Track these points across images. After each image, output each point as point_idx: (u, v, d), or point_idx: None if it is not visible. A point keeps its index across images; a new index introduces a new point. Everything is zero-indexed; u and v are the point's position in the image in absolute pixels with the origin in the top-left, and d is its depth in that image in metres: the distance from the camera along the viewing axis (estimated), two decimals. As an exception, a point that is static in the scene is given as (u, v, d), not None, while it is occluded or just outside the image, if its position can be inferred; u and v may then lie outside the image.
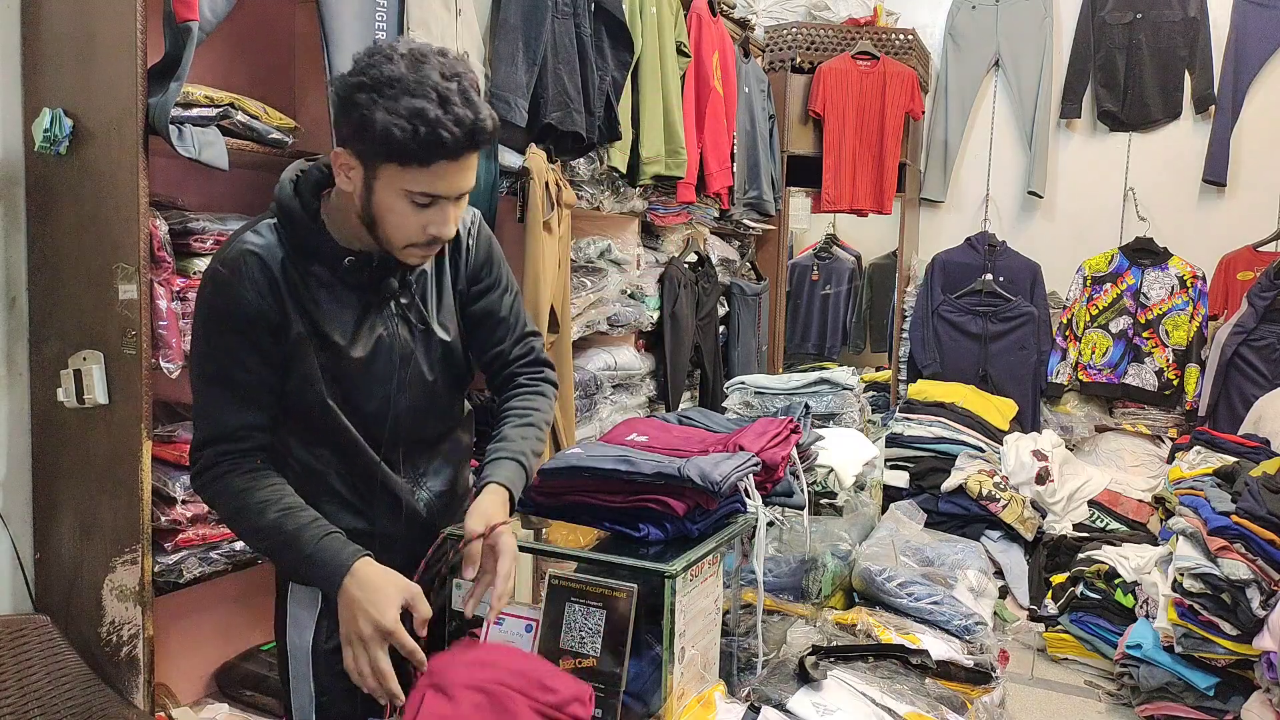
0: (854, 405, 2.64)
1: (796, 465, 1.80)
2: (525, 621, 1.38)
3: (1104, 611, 3.37)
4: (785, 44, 4.55)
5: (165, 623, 2.28)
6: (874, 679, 1.64)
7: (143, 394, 1.86)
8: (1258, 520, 2.82)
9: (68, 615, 1.97)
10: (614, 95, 2.97)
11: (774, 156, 4.37)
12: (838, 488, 2.10)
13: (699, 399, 3.96)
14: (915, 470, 4.02)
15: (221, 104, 1.96)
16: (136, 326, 1.85)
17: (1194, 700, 2.91)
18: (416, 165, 1.24)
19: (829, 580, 2.10)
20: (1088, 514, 4.13)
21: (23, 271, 2.03)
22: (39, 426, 2.04)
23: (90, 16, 1.88)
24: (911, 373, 4.76)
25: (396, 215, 1.29)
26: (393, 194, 1.28)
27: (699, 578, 1.40)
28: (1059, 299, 4.69)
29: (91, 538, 1.95)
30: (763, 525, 1.59)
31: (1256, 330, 4.08)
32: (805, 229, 5.52)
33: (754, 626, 1.66)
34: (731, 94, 3.85)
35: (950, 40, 4.93)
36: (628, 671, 1.30)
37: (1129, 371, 4.46)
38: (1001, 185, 4.93)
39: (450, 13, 2.39)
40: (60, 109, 1.89)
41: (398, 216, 1.30)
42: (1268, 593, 2.73)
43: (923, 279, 4.76)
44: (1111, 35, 4.64)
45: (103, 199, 1.88)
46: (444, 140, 1.22)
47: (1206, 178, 4.50)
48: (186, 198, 2.21)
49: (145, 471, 1.88)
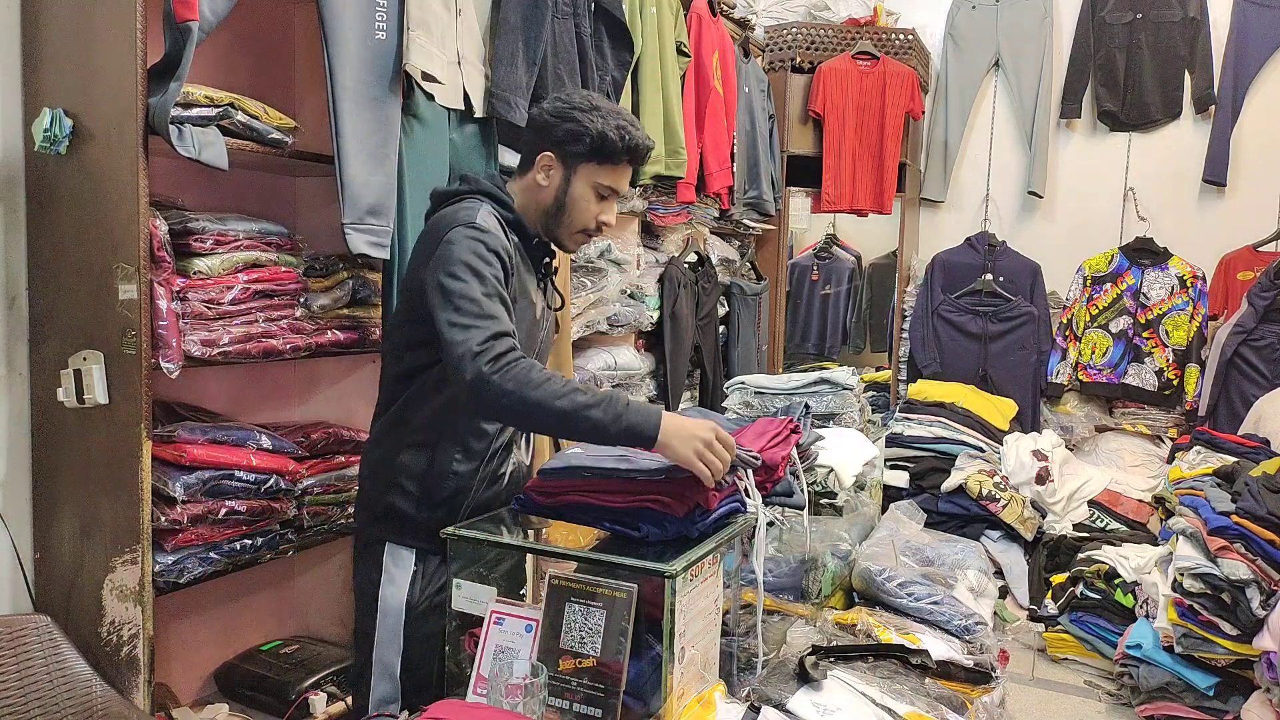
0: (854, 405, 2.64)
1: (796, 465, 1.80)
2: (525, 621, 1.38)
3: (1104, 611, 3.37)
4: (785, 44, 4.55)
5: (165, 623, 2.28)
6: (874, 679, 1.63)
7: (143, 394, 1.86)
8: (1258, 520, 2.82)
9: (68, 615, 1.97)
10: (614, 95, 2.97)
11: (774, 156, 4.37)
12: (838, 488, 2.10)
13: (699, 399, 3.96)
14: (915, 470, 4.02)
15: (221, 104, 1.96)
16: (136, 326, 1.86)
17: (1194, 700, 2.91)
18: (611, 164, 1.66)
19: (829, 580, 2.10)
20: (1088, 514, 4.13)
21: (23, 271, 2.03)
22: (39, 426, 2.04)
23: (90, 16, 1.88)
24: (911, 373, 4.76)
25: (583, 204, 1.68)
26: (586, 187, 1.67)
27: (699, 578, 1.40)
28: (1059, 299, 4.69)
29: (91, 538, 1.95)
30: (763, 525, 1.59)
31: (1256, 330, 4.08)
32: (805, 229, 5.52)
33: (754, 626, 1.65)
34: (731, 94, 3.85)
35: (950, 40, 4.93)
36: (628, 671, 1.30)
37: (1129, 371, 4.46)
38: (1001, 185, 4.93)
39: (450, 13, 2.39)
40: (60, 109, 1.89)
41: (584, 204, 1.68)
42: (1268, 593, 2.73)
43: (923, 279, 4.76)
44: (1111, 35, 4.64)
45: (103, 199, 1.89)
46: (638, 145, 1.67)
47: (1206, 178, 4.50)
48: (186, 198, 2.21)
49: (145, 471, 1.88)
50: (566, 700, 1.32)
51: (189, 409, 2.27)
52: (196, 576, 2.04)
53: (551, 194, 1.68)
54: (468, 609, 1.48)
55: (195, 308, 1.97)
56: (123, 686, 1.92)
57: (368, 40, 2.16)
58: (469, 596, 1.48)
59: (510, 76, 2.54)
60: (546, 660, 1.33)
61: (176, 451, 2.01)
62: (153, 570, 1.92)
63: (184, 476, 1.99)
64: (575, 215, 1.69)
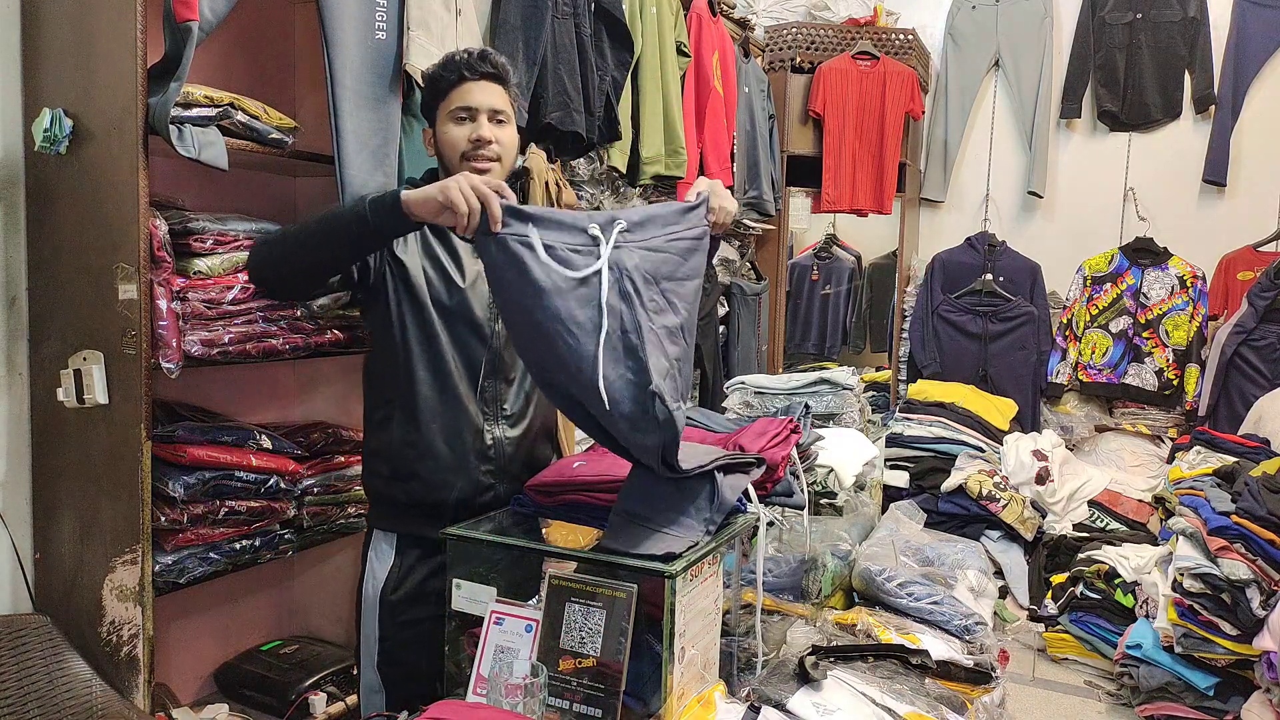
0: (854, 405, 2.64)
1: (796, 465, 1.80)
2: (525, 621, 1.38)
3: (1104, 611, 3.37)
4: (785, 44, 4.55)
5: (165, 623, 2.28)
6: (874, 679, 1.63)
7: (143, 394, 1.86)
8: (1258, 520, 2.82)
9: (68, 615, 1.97)
10: (614, 95, 2.97)
11: (774, 156, 4.37)
12: (838, 488, 2.10)
13: (699, 399, 3.96)
14: (915, 470, 4.02)
15: (221, 104, 1.96)
16: (136, 326, 1.85)
17: (1194, 700, 2.91)
18: (448, 89, 1.71)
19: (829, 580, 2.10)
20: (1088, 514, 4.13)
21: (23, 271, 2.03)
22: (39, 426, 2.04)
23: (90, 16, 1.88)
24: (911, 373, 4.76)
25: (449, 136, 1.71)
26: (446, 123, 1.72)
27: (699, 578, 1.40)
28: (1059, 299, 4.69)
29: (91, 538, 1.95)
30: (763, 525, 1.59)
31: (1256, 330, 4.08)
32: (805, 229, 5.52)
33: (754, 626, 1.65)
34: (731, 94, 3.85)
35: (950, 40, 4.93)
36: (628, 671, 1.30)
37: (1129, 371, 4.46)
38: (1001, 185, 4.93)
39: (450, 13, 2.39)
40: (60, 109, 1.89)
41: (451, 135, 1.71)
42: (1268, 593, 2.73)
43: (923, 279, 4.76)
44: (1111, 35, 4.64)
45: (103, 199, 1.88)
46: (455, 58, 1.71)
47: (1206, 178, 4.50)
48: (186, 198, 2.21)
49: (145, 471, 1.88)
50: (566, 700, 1.32)
51: (189, 409, 2.27)
52: (196, 577, 2.04)
53: (436, 153, 1.76)
54: (468, 609, 1.48)
55: (195, 308, 1.97)
56: (122, 686, 1.91)
57: (368, 40, 2.16)
58: (469, 596, 1.48)
59: (510, 76, 2.54)
60: (546, 660, 1.33)
61: (176, 451, 2.01)
62: (153, 570, 1.92)
63: (184, 476, 1.99)
64: (448, 150, 1.73)
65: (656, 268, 1.44)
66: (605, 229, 1.39)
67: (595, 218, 1.40)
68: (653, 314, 1.40)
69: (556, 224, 1.37)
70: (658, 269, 1.45)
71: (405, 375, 1.69)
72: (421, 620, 1.68)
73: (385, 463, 1.72)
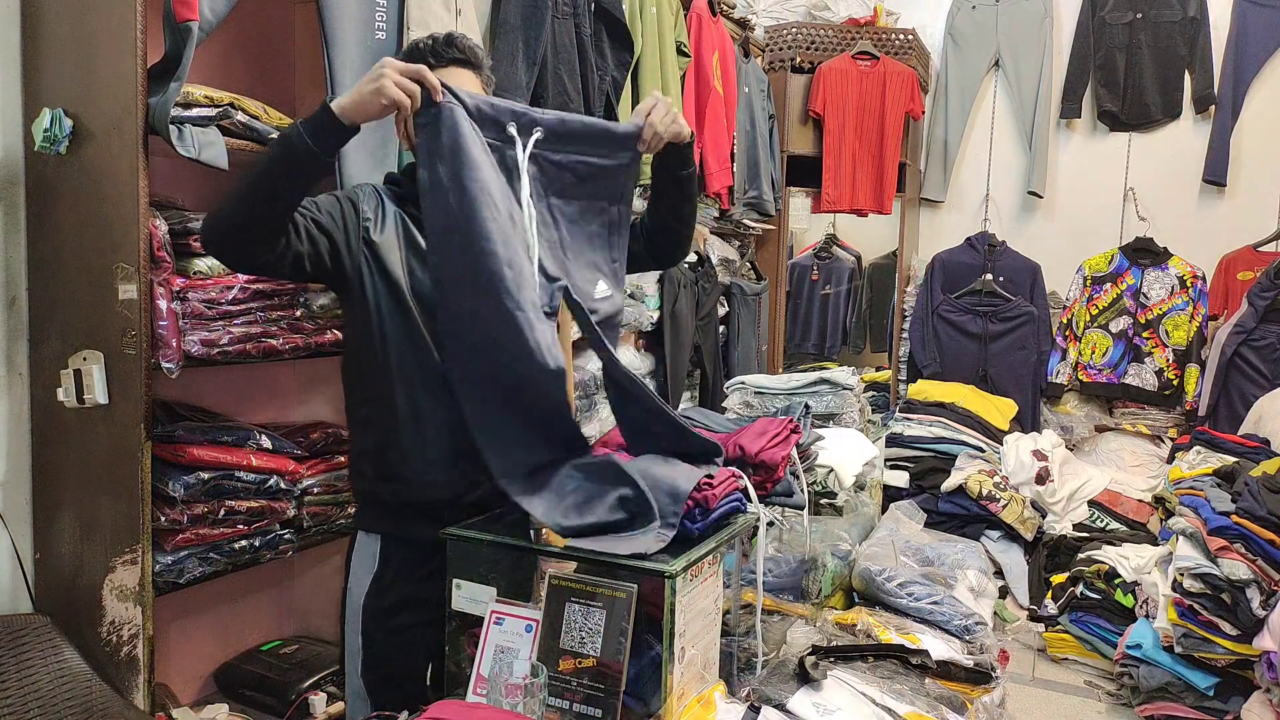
0: (854, 405, 2.64)
1: (796, 465, 1.80)
2: (525, 621, 1.38)
3: (1104, 611, 3.37)
4: (785, 44, 4.55)
5: (165, 623, 2.28)
6: (874, 679, 1.63)
7: (143, 394, 1.86)
8: (1258, 520, 2.82)
9: (68, 615, 1.97)
10: (614, 95, 2.97)
11: (774, 156, 4.37)
12: (838, 488, 2.10)
13: (699, 399, 3.96)
14: (915, 470, 4.02)
15: (221, 104, 1.96)
16: (136, 326, 1.85)
17: (1194, 700, 2.91)
18: None
19: (829, 580, 2.10)
20: (1088, 514, 4.13)
21: (23, 271, 2.03)
22: (39, 426, 2.04)
23: (90, 16, 1.88)
24: (911, 373, 4.76)
25: None
26: None
27: (699, 578, 1.40)
28: (1059, 299, 4.69)
29: (91, 538, 1.95)
30: (763, 525, 1.59)
31: (1256, 330, 4.08)
32: (805, 229, 5.52)
33: (754, 626, 1.65)
34: (731, 94, 3.85)
35: (950, 40, 4.93)
36: (628, 671, 1.30)
37: (1129, 371, 4.46)
38: (1001, 185, 4.93)
39: (450, 13, 2.39)
40: (60, 109, 1.89)
41: None
42: (1268, 593, 2.73)
43: (923, 279, 4.76)
44: (1111, 35, 4.64)
45: (103, 199, 1.88)
46: (423, 49, 1.64)
47: (1206, 178, 4.50)
48: (186, 198, 2.21)
49: (145, 471, 1.88)
50: (566, 700, 1.32)
51: (189, 409, 2.27)
52: (196, 576, 2.04)
53: (410, 142, 1.64)
54: (468, 609, 1.48)
55: (195, 308, 1.97)
56: (122, 686, 1.92)
57: (368, 40, 2.16)
58: (469, 596, 1.48)
59: (510, 77, 2.54)
60: (546, 660, 1.33)
61: (176, 451, 2.01)
62: (153, 570, 1.92)
63: (184, 476, 1.99)
64: None
65: (551, 183, 1.61)
66: (523, 131, 1.55)
67: (518, 114, 1.56)
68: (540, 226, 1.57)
69: (478, 110, 1.52)
70: (551, 184, 1.61)
71: (386, 371, 1.63)
72: (405, 627, 1.66)
73: (370, 463, 1.68)
